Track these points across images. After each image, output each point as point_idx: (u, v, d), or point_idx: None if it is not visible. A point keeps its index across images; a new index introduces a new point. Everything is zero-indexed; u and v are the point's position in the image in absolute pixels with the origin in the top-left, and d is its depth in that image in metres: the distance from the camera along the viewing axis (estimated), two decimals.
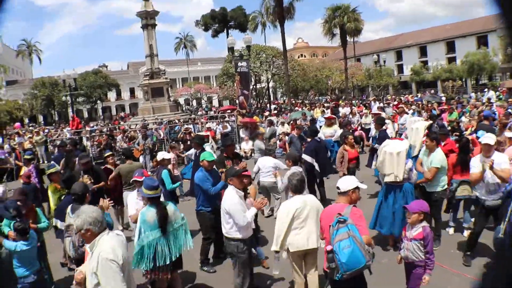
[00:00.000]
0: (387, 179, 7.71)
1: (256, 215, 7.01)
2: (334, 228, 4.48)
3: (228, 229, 6.02)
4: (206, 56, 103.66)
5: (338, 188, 4.93)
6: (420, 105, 25.36)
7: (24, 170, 14.26)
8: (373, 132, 12.96)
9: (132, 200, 7.19)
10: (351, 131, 13.69)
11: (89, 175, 8.99)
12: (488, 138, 7.01)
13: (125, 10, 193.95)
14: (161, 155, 9.78)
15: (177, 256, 5.94)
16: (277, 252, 5.87)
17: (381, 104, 26.69)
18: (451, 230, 8.59)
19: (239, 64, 25.69)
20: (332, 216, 4.62)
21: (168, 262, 5.77)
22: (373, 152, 11.36)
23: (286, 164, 8.59)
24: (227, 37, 43.73)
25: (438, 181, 7.68)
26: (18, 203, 6.33)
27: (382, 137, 10.69)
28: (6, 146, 22.52)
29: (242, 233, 5.99)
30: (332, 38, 47.25)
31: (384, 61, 52.57)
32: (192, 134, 18.91)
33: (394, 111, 20.99)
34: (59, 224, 6.80)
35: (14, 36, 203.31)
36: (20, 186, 9.13)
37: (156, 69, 32.23)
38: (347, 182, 4.91)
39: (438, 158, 7.62)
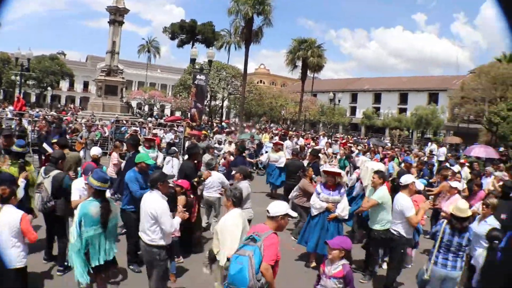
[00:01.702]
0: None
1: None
2: (243, 242, 4.62)
3: (153, 236, 5.76)
4: (167, 64, 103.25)
5: (268, 211, 4.83)
6: (367, 146, 26.17)
7: None
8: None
9: (78, 186, 6.94)
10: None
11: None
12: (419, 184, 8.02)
13: (96, 1, 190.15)
14: (96, 151, 9.59)
15: (114, 253, 5.83)
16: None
17: (330, 140, 27.39)
18: (384, 265, 8.95)
19: (198, 76, 25.77)
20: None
21: (110, 259, 5.70)
22: None
23: (235, 177, 8.60)
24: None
25: (377, 218, 7.99)
26: None
27: (315, 168, 11.61)
28: None
29: (166, 240, 5.90)
30: (293, 69, 47.87)
31: (339, 100, 54.14)
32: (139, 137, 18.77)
33: (341, 149, 21.59)
34: None
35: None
36: None
37: (114, 66, 31.92)
38: (277, 207, 4.83)
39: (380, 194, 7.97)
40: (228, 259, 4.66)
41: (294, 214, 5.11)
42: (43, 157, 13.46)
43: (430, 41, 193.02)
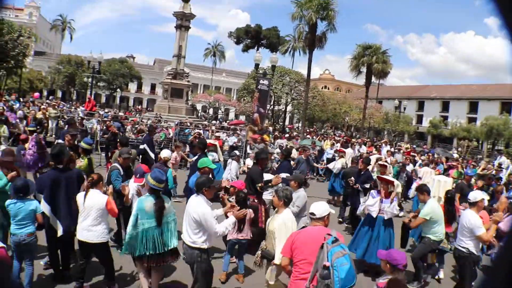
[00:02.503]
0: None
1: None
2: (330, 246, 4.49)
3: (196, 239, 5.84)
4: (232, 68, 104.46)
5: (313, 214, 4.94)
6: (430, 156, 25.34)
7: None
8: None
9: (132, 186, 7.37)
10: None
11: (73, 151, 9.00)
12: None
13: (163, 7, 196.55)
14: (167, 153, 9.95)
15: (172, 246, 6.18)
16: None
17: (392, 149, 26.65)
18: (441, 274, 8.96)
19: (261, 81, 25.86)
20: (313, 238, 4.70)
21: (162, 251, 6.03)
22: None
23: (291, 186, 8.55)
24: None
25: (431, 231, 8.00)
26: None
27: (366, 176, 11.56)
28: (19, 112, 22.82)
29: (209, 243, 5.96)
30: (357, 75, 47.23)
31: (405, 108, 52.64)
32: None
33: (405, 157, 21.04)
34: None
35: (53, 10, 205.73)
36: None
37: (180, 70, 32.60)
38: (321, 208, 4.95)
39: (427, 210, 7.95)
40: (326, 267, 4.56)
41: (333, 211, 5.13)
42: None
43: (503, 46, 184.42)
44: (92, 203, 6.24)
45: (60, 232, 6.51)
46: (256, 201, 8.75)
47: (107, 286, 6.62)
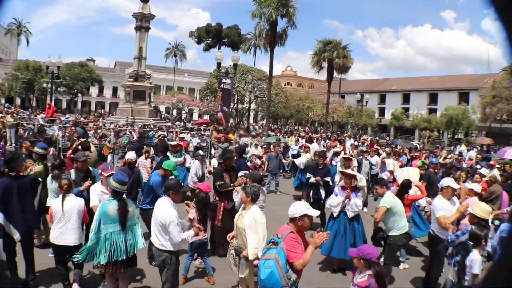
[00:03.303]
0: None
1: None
2: (266, 246, 4.73)
3: (163, 241, 5.82)
4: (194, 68, 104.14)
5: (288, 213, 4.89)
6: (393, 148, 25.76)
7: None
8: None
9: (96, 191, 7.17)
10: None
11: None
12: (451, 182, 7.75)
13: (122, 8, 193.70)
14: (132, 155, 9.82)
15: (134, 252, 6.11)
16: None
17: (356, 142, 27.05)
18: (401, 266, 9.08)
19: (223, 80, 25.90)
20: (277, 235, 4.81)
21: (124, 258, 5.89)
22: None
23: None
24: None
25: (392, 225, 7.79)
26: None
27: (325, 170, 11.78)
28: None
29: (176, 247, 5.93)
30: (319, 71, 47.51)
31: (367, 102, 53.51)
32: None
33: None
34: None
35: (7, 13, 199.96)
36: None
37: (142, 72, 32.30)
38: (295, 208, 4.85)
39: (386, 199, 7.80)
40: (255, 265, 4.70)
41: (315, 213, 4.94)
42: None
43: (460, 39, 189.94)
44: (72, 207, 6.51)
45: (17, 238, 6.51)
46: (217, 198, 8.90)
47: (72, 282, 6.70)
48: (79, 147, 11.22)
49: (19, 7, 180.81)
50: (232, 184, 8.84)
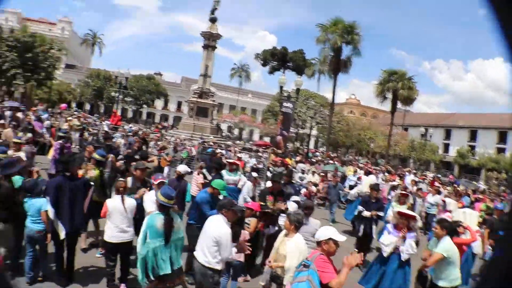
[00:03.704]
0: None
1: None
2: (297, 270, 4.69)
3: (210, 259, 5.70)
4: (258, 89, 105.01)
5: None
6: (456, 187, 24.75)
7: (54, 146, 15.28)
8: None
9: (151, 199, 7.23)
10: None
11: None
12: None
13: (192, 27, 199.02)
14: (183, 168, 9.87)
15: (177, 266, 6.14)
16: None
17: (416, 178, 26.09)
18: None
19: (285, 104, 25.79)
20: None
21: (169, 271, 5.93)
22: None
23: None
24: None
25: (444, 274, 7.02)
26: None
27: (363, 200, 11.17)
28: (46, 122, 23.16)
29: (222, 265, 5.87)
30: (383, 101, 46.65)
31: (431, 136, 51.90)
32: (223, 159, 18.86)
33: (429, 188, 20.55)
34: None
35: (84, 24, 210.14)
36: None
37: (206, 89, 32.85)
38: (320, 232, 4.88)
39: (444, 246, 7.00)
40: None
41: (340, 238, 4.83)
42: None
43: None
44: (129, 207, 6.99)
45: (62, 235, 6.77)
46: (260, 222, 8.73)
47: (120, 283, 7.03)
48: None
49: (96, 19, 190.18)
50: (271, 207, 8.63)
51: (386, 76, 45.31)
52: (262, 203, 8.73)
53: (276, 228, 8.49)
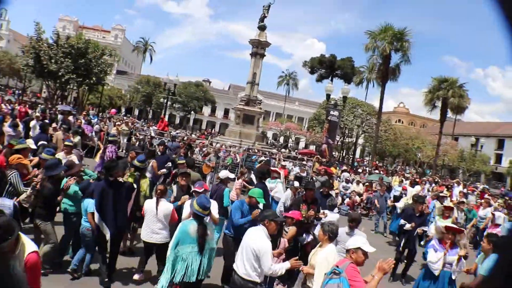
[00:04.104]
0: None
1: None
2: (327, 277, 4.62)
3: (249, 271, 5.59)
4: (305, 97, 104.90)
5: None
6: (507, 200, 23.94)
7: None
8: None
9: (188, 206, 7.39)
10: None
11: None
12: None
13: (240, 34, 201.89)
14: (224, 173, 10.04)
15: (204, 276, 6.17)
16: None
17: (465, 190, 25.27)
18: None
19: (331, 112, 25.67)
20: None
21: (194, 280, 5.94)
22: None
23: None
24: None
25: None
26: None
27: (406, 214, 10.73)
28: (96, 126, 23.91)
29: (261, 278, 5.76)
30: (432, 109, 45.51)
31: (482, 146, 50.30)
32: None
33: (478, 200, 19.94)
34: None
35: (137, 32, 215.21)
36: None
37: (253, 97, 33.03)
38: (351, 241, 4.92)
39: (487, 266, 6.62)
40: None
41: (369, 249, 4.79)
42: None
43: None
44: (162, 210, 7.33)
45: (107, 237, 7.13)
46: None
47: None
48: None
49: (148, 26, 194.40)
50: (305, 215, 8.59)
51: (436, 83, 44.24)
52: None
53: (311, 236, 8.43)
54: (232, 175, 10.69)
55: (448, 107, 44.02)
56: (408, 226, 10.26)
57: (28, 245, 3.82)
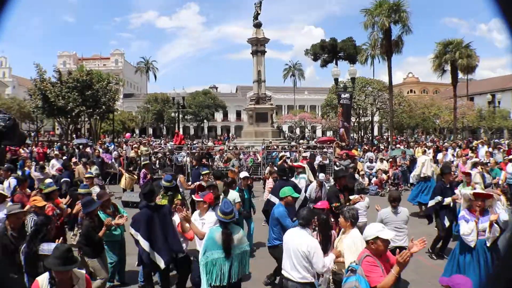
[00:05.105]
0: None
1: None
2: (345, 275, 4.64)
3: (304, 274, 5.61)
4: (313, 85, 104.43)
5: None
6: None
7: (125, 176, 16.27)
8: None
9: (196, 220, 7.28)
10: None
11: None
12: None
13: (237, 35, 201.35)
14: (242, 175, 10.39)
15: (236, 279, 6.17)
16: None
17: (490, 149, 24.75)
18: None
19: (342, 96, 25.60)
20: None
21: (225, 284, 6.02)
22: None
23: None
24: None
25: None
26: None
27: (437, 188, 10.15)
28: (114, 153, 24.18)
29: (315, 275, 5.81)
30: (442, 74, 44.95)
31: (499, 102, 49.53)
32: (289, 162, 18.67)
33: (506, 158, 19.27)
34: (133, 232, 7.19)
35: (136, 53, 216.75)
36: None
37: (262, 94, 32.98)
38: (367, 231, 4.78)
39: None
40: None
41: (388, 235, 4.69)
42: None
43: None
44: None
45: (162, 265, 7.01)
46: (332, 220, 8.47)
47: None
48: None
49: (145, 46, 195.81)
50: (347, 205, 8.49)
51: (441, 48, 43.57)
52: (337, 204, 8.66)
53: None
54: (245, 174, 10.94)
55: (458, 69, 43.41)
56: (448, 200, 9.74)
57: (79, 272, 4.36)
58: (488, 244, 6.88)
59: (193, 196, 8.98)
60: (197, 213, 7.44)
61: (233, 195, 9.33)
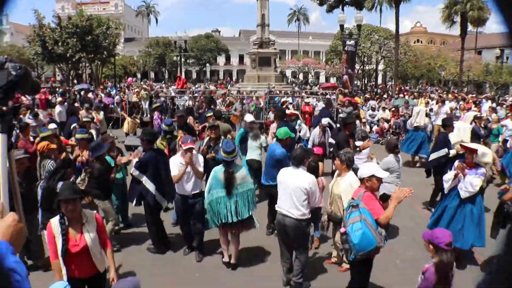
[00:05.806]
0: None
1: None
2: (347, 212, 4.82)
3: (304, 211, 5.70)
4: (319, 31, 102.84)
5: None
6: None
7: (127, 120, 16.09)
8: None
9: (175, 162, 7.13)
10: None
11: (183, 130, 10.17)
12: None
13: None
14: (248, 118, 10.51)
15: (246, 216, 6.46)
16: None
17: (494, 104, 24.47)
18: None
19: (347, 42, 25.18)
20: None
21: (235, 220, 6.34)
22: None
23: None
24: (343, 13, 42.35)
25: None
26: None
27: (440, 141, 9.88)
28: (116, 98, 24.04)
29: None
30: (451, 25, 44.08)
31: (508, 58, 48.75)
32: (290, 107, 18.69)
33: (508, 114, 19.00)
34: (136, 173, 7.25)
35: None
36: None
37: (266, 38, 32.48)
38: (363, 169, 5.03)
39: None
40: (342, 233, 4.86)
41: (383, 174, 4.97)
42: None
43: None
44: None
45: (164, 205, 7.54)
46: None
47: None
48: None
49: None
50: (354, 151, 8.45)
51: None
52: (348, 148, 8.60)
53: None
54: (251, 117, 10.97)
55: (468, 21, 42.44)
56: (453, 151, 9.28)
57: (88, 211, 4.60)
58: (462, 196, 6.83)
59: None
60: (178, 156, 7.33)
61: (262, 139, 9.82)
